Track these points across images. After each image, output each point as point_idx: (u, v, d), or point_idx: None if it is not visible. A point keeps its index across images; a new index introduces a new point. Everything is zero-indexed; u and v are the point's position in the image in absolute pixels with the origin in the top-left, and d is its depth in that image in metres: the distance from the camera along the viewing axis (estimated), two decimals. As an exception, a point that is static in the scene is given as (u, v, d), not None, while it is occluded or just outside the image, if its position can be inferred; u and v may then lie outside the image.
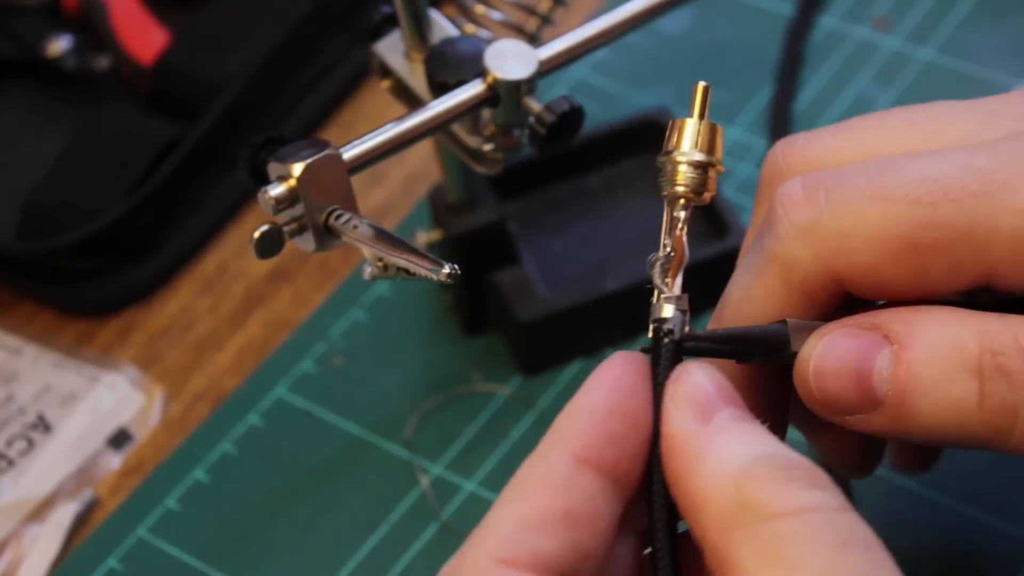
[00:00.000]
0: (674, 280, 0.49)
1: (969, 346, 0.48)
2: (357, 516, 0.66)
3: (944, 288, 0.50)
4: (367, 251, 0.57)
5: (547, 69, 0.62)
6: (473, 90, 0.61)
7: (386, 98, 0.67)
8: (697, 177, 0.50)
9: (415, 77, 0.64)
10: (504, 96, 0.61)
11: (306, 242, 0.59)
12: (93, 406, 0.71)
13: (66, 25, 0.83)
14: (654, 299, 0.49)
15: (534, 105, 0.61)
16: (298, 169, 0.57)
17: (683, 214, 0.50)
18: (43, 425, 0.71)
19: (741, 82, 0.79)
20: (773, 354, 0.51)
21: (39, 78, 0.83)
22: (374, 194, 0.78)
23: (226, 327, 0.74)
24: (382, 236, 0.57)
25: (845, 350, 0.50)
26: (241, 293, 0.76)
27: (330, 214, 0.58)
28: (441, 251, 0.70)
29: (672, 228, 0.50)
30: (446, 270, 0.55)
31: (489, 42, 0.62)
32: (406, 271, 0.56)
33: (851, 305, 0.51)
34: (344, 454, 0.68)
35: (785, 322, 0.51)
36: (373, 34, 0.65)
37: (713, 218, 0.70)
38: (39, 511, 0.68)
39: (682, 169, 0.50)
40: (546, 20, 0.66)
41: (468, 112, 0.61)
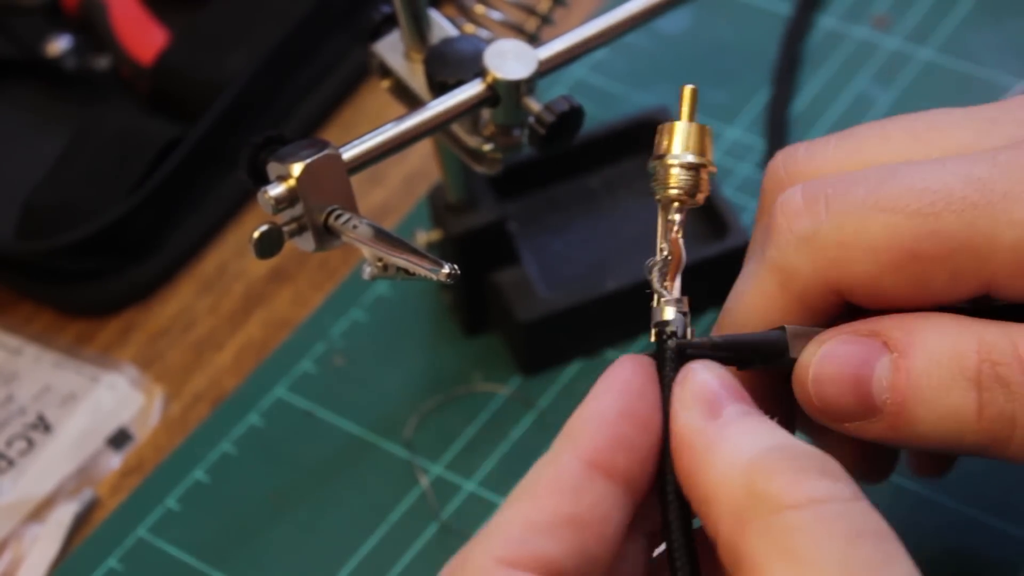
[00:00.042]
0: (673, 283, 0.49)
1: (968, 355, 0.48)
2: (357, 516, 0.66)
3: (944, 298, 0.50)
4: (367, 251, 0.57)
5: (547, 69, 0.62)
6: (473, 90, 0.61)
7: (386, 98, 0.66)
8: (690, 179, 0.50)
9: (415, 77, 0.64)
10: (504, 96, 0.61)
11: (306, 242, 0.59)
12: (93, 406, 0.71)
13: (66, 25, 0.83)
14: (654, 303, 0.49)
15: (534, 105, 0.61)
16: (298, 169, 0.57)
17: (678, 217, 0.50)
18: (43, 425, 0.71)
19: (741, 82, 0.79)
20: (772, 361, 0.51)
21: (39, 78, 0.83)
22: (374, 194, 0.78)
23: (226, 327, 0.74)
24: (382, 236, 0.57)
25: (844, 357, 0.50)
26: (241, 293, 0.76)
27: (330, 214, 0.58)
28: (441, 251, 0.70)
29: (667, 232, 0.50)
30: (446, 270, 0.55)
31: (489, 42, 0.62)
32: (406, 271, 0.56)
33: (850, 313, 0.51)
34: (344, 454, 0.68)
35: (783, 329, 0.51)
36: (373, 34, 0.65)
37: (713, 218, 0.70)
38: (39, 511, 0.68)
39: (674, 172, 0.50)
40: (546, 20, 0.66)
41: (468, 112, 0.61)
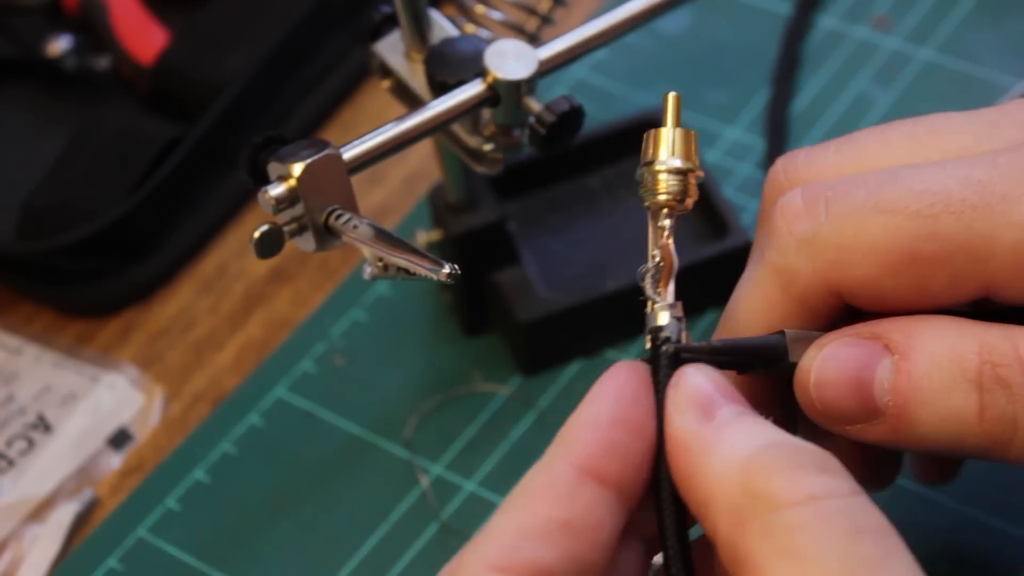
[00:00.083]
0: (666, 289, 0.49)
1: (969, 357, 0.48)
2: (357, 516, 0.66)
3: (944, 300, 0.50)
4: (367, 251, 0.57)
5: (547, 69, 0.62)
6: (473, 90, 0.61)
7: (386, 98, 0.66)
8: (678, 184, 0.50)
9: (415, 77, 0.64)
10: (504, 96, 0.61)
11: (306, 242, 0.59)
12: (93, 406, 0.71)
13: (66, 25, 0.83)
14: (648, 309, 0.49)
15: (534, 105, 0.61)
16: (298, 169, 0.57)
17: (668, 222, 0.50)
18: (43, 425, 0.71)
19: (741, 82, 0.79)
20: (772, 365, 0.51)
21: (39, 78, 0.83)
22: (374, 194, 0.78)
23: (226, 327, 0.74)
24: (382, 236, 0.57)
25: (845, 360, 0.50)
26: (241, 293, 0.76)
27: (330, 214, 0.58)
28: (441, 251, 0.70)
29: (658, 238, 0.50)
30: (446, 270, 0.55)
31: (489, 42, 0.62)
32: (406, 271, 0.56)
33: (851, 316, 0.51)
34: (344, 454, 0.68)
35: (783, 333, 0.51)
36: (373, 34, 0.65)
37: (713, 218, 0.70)
38: (39, 511, 0.68)
39: (662, 178, 0.50)
40: (546, 20, 0.66)
41: (468, 112, 0.61)
